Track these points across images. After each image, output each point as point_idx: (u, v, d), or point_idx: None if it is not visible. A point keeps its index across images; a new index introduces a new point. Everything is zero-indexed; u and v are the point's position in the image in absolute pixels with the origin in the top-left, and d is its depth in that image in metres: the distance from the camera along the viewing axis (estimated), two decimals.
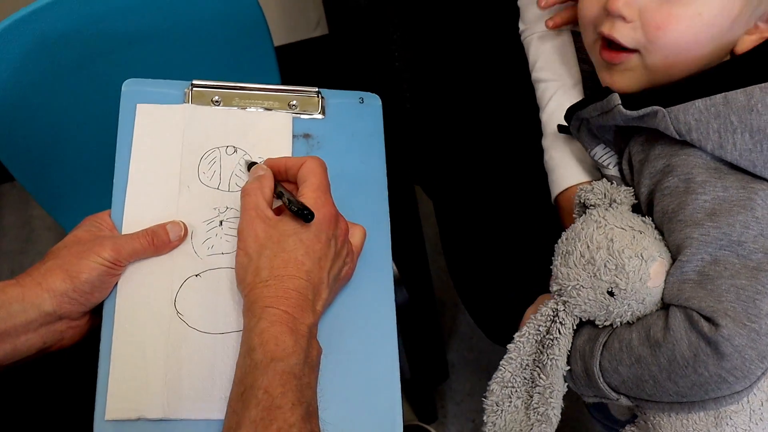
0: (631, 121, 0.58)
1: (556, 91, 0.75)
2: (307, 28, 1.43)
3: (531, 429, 0.62)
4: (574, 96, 0.73)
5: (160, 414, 0.57)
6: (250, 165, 0.65)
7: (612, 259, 0.58)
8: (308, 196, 0.57)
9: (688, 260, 0.55)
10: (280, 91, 0.72)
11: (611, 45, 0.61)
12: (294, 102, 0.70)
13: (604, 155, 0.67)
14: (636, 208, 0.63)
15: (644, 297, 0.58)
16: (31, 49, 0.80)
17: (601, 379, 0.60)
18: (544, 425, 0.61)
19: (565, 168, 0.72)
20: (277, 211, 0.60)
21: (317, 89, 0.72)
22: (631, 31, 0.60)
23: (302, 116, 0.70)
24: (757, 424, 0.57)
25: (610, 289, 0.58)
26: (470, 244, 0.86)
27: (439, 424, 1.17)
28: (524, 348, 0.63)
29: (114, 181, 0.64)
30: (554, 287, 0.62)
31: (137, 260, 0.61)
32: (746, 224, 0.54)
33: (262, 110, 0.70)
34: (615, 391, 0.60)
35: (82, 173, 0.94)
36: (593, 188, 0.64)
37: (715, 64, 0.61)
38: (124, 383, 0.58)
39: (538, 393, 0.62)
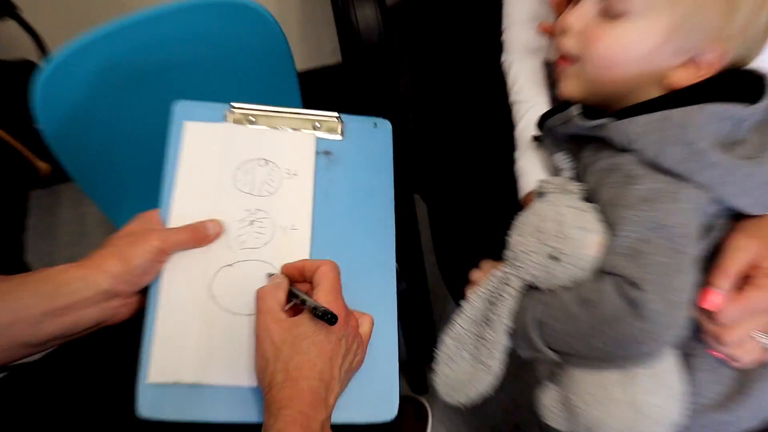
0: (586, 130, 0.61)
1: (528, 110, 0.77)
2: (324, 56, 1.43)
3: (475, 378, 0.63)
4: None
5: (193, 379, 0.59)
6: (270, 275, 0.65)
7: (559, 228, 0.60)
8: (322, 300, 0.58)
9: (621, 236, 0.58)
10: (306, 114, 0.74)
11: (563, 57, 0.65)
12: (317, 124, 0.73)
13: (563, 161, 0.69)
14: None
15: (582, 264, 0.60)
16: (93, 71, 0.81)
17: (537, 334, 0.62)
18: (487, 375, 0.63)
19: (530, 174, 0.74)
20: (290, 312, 0.60)
21: (338, 114, 0.73)
22: (574, 43, 0.63)
23: (324, 136, 0.73)
24: (659, 389, 0.59)
25: (554, 255, 0.60)
26: (456, 244, 0.88)
27: (430, 396, 1.18)
28: (476, 306, 0.65)
29: (163, 184, 0.67)
30: (508, 255, 0.64)
31: (180, 250, 0.63)
32: (671, 212, 0.56)
33: (290, 130, 0.72)
34: (547, 346, 0.62)
35: (131, 177, 0.95)
36: (551, 180, 0.67)
37: (651, 91, 0.62)
38: (164, 352, 0.60)
39: (485, 347, 0.63)
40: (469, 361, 0.64)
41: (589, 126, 0.60)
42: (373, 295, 0.67)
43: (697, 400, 0.61)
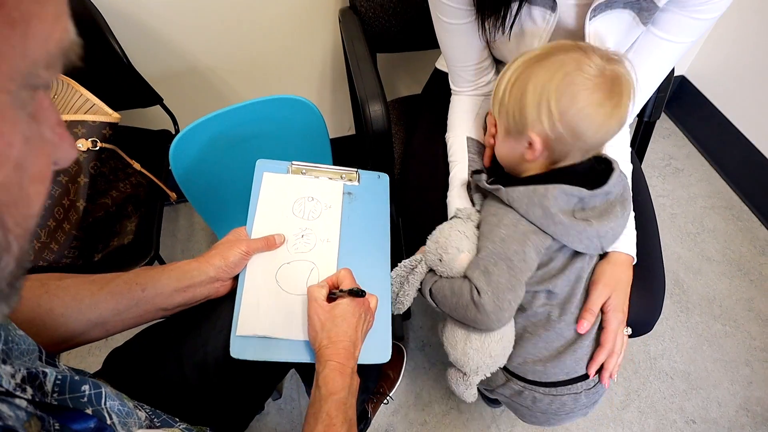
0: (489, 189, 0.66)
1: (455, 166, 0.80)
2: (344, 130, 1.48)
3: (398, 303, 0.72)
4: (463, 170, 0.78)
5: (265, 333, 0.64)
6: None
7: (445, 243, 0.67)
8: (347, 287, 0.64)
9: (480, 258, 0.63)
10: (336, 169, 0.79)
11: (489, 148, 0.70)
12: (343, 175, 0.78)
13: (477, 199, 0.73)
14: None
15: (455, 270, 0.67)
16: (207, 137, 0.88)
17: (429, 296, 0.70)
18: (403, 305, 0.72)
19: (453, 204, 0.77)
20: (328, 301, 0.63)
21: (356, 169, 0.79)
22: (488, 145, 0.74)
23: (348, 183, 0.78)
24: (500, 343, 0.68)
25: (440, 258, 0.68)
26: (413, 237, 0.87)
27: (405, 342, 1.25)
28: (403, 270, 0.73)
29: (249, 210, 0.72)
30: (427, 247, 0.71)
31: (258, 252, 0.68)
32: (516, 251, 0.62)
33: (326, 179, 0.78)
34: (435, 305, 0.69)
35: (225, 202, 1.02)
36: (463, 209, 0.71)
37: (530, 167, 0.66)
38: (247, 316, 0.64)
39: (403, 291, 0.72)
40: (397, 293, 0.72)
41: (490, 188, 0.66)
42: (376, 280, 0.71)
43: (527, 358, 0.69)
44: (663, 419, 1.15)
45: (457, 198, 0.77)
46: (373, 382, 1.05)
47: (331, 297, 0.64)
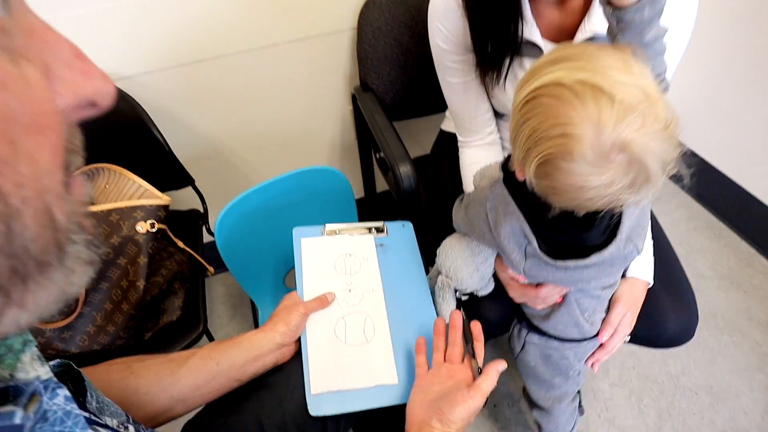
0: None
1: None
2: (356, 193, 1.35)
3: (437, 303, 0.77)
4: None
5: (339, 387, 0.65)
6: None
7: (454, 274, 0.74)
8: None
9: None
10: (365, 224, 0.84)
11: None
12: (372, 229, 0.83)
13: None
14: None
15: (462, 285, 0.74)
16: (247, 210, 0.91)
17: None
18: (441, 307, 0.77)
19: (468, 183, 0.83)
20: None
21: (383, 222, 0.84)
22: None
23: (378, 236, 0.83)
24: (487, 261, 0.74)
25: (447, 274, 0.75)
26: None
27: None
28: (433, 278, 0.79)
29: (296, 275, 0.75)
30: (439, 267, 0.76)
31: (315, 311, 0.71)
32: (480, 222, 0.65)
33: (358, 235, 0.82)
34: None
35: (262, 271, 1.03)
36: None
37: None
38: (316, 373, 0.66)
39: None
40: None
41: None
42: (424, 318, 0.74)
43: (532, 313, 0.75)
44: None
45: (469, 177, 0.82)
46: None
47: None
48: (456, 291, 0.77)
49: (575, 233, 0.56)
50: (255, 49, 1.08)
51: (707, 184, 1.64)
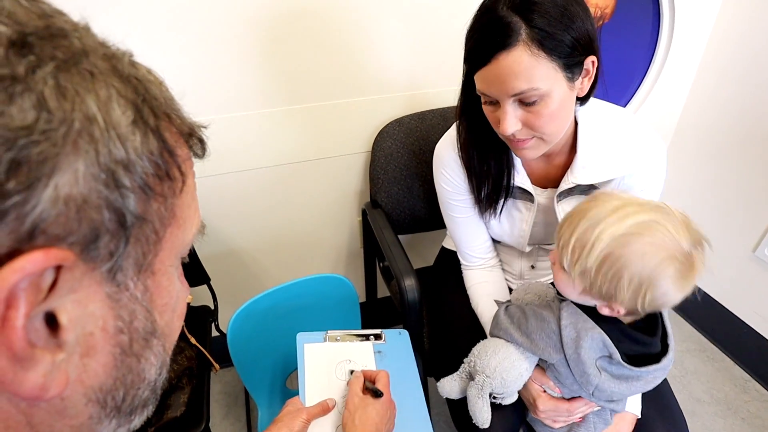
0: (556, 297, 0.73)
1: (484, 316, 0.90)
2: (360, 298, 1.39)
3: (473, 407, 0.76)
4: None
5: None
6: (352, 371, 0.76)
7: (506, 379, 0.74)
8: (381, 387, 0.70)
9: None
10: (365, 332, 0.85)
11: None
12: (372, 336, 0.84)
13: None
14: None
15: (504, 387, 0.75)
16: (255, 312, 0.94)
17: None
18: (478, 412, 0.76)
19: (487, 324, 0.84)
20: (365, 393, 0.69)
21: (381, 330, 0.85)
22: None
23: (376, 342, 0.84)
24: (524, 363, 0.74)
25: (490, 375, 0.74)
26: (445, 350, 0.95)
27: None
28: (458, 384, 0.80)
29: (299, 380, 0.75)
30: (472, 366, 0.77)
31: (316, 418, 0.71)
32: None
33: (358, 342, 0.83)
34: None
35: (266, 370, 1.05)
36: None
37: None
38: None
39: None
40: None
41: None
42: (418, 422, 0.74)
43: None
44: None
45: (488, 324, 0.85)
46: None
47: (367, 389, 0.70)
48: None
49: (646, 339, 0.65)
50: (281, 165, 1.20)
51: (695, 305, 1.66)
